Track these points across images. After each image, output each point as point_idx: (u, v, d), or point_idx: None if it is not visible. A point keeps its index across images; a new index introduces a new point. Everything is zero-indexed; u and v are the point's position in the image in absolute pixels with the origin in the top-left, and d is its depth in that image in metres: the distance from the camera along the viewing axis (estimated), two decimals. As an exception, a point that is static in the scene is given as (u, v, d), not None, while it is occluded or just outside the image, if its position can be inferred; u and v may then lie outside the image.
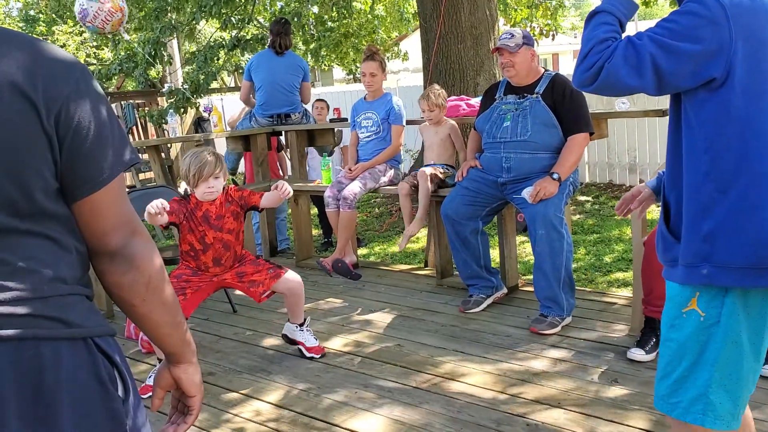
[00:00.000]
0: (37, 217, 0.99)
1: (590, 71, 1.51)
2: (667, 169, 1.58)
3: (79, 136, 1.00)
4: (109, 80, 9.85)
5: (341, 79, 24.95)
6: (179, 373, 1.22)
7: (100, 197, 1.04)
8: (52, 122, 0.98)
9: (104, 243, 1.06)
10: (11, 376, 0.95)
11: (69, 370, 0.99)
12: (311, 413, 2.77)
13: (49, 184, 1.00)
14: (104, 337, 1.06)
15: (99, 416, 1.02)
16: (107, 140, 1.04)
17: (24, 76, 0.96)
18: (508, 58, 3.60)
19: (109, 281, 1.09)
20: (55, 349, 0.98)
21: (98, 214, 1.05)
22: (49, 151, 0.98)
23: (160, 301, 1.12)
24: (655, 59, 1.45)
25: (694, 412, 1.55)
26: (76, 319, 1.02)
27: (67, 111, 0.99)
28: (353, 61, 10.77)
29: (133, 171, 7.84)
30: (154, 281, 1.10)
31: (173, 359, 1.21)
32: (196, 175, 3.04)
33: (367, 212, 7.37)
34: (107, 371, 1.05)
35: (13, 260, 0.98)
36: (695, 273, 1.50)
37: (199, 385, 1.24)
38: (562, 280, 3.45)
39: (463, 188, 3.79)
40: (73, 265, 1.05)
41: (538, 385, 2.85)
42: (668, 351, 1.60)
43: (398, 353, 3.31)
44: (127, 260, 1.07)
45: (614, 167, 7.78)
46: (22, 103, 0.95)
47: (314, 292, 4.41)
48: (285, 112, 5.64)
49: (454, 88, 6.47)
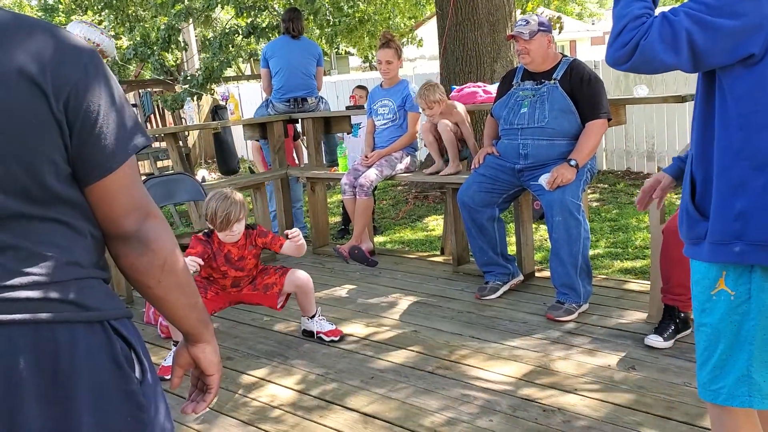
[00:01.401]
0: (51, 202, 1.00)
1: (625, 48, 1.48)
2: (695, 146, 1.55)
3: (89, 120, 1.01)
4: (126, 67, 9.90)
5: (357, 67, 24.90)
6: (197, 353, 1.23)
7: (112, 181, 1.04)
8: (62, 107, 0.98)
9: (118, 226, 1.07)
10: (28, 360, 0.96)
11: (85, 353, 1.00)
12: (328, 397, 2.79)
13: (60, 170, 1.00)
14: (121, 320, 1.07)
15: (116, 398, 1.03)
16: (118, 124, 1.04)
17: (33, 63, 0.96)
18: (523, 45, 3.57)
19: (125, 264, 1.10)
20: (71, 333, 1.00)
21: (111, 198, 1.05)
22: (59, 136, 0.99)
23: (176, 283, 1.13)
24: (691, 36, 1.41)
25: (740, 395, 1.52)
26: (92, 303, 1.03)
27: (77, 96, 0.99)
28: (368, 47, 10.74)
29: (151, 159, 7.89)
30: (169, 263, 1.10)
31: (191, 339, 1.22)
32: (223, 222, 3.07)
33: (382, 200, 7.38)
34: (124, 353, 1.06)
35: (27, 246, 0.98)
36: (726, 251, 1.47)
37: (217, 364, 1.25)
38: (579, 267, 3.44)
39: (480, 175, 3.78)
40: (88, 248, 1.05)
41: (555, 371, 2.85)
42: (703, 337, 1.57)
43: (414, 339, 3.32)
44: (141, 243, 1.08)
45: (632, 155, 7.72)
46: (31, 89, 0.96)
47: (331, 279, 4.44)
48: (302, 95, 5.65)
49: (471, 75, 6.45)
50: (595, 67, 7.47)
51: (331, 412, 2.67)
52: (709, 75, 1.51)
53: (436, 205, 6.88)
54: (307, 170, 5.33)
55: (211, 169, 10.50)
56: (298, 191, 5.68)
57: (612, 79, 7.49)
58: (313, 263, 4.87)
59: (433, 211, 6.70)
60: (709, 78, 1.51)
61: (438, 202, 6.93)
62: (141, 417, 1.06)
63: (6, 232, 0.97)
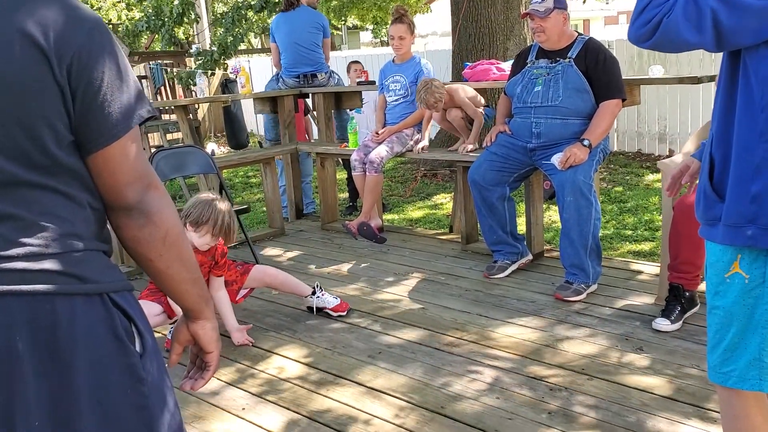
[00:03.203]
0: (51, 169, 0.99)
1: (647, 26, 1.45)
2: (716, 126, 1.53)
3: (92, 87, 0.99)
4: (137, 39, 9.86)
5: (368, 43, 24.73)
6: (197, 329, 1.21)
7: (114, 150, 1.03)
8: (64, 73, 0.97)
9: (120, 197, 1.06)
10: (27, 332, 0.96)
11: (84, 326, 0.99)
12: (335, 371, 2.81)
13: (62, 136, 0.99)
14: (121, 293, 1.06)
15: (116, 371, 1.03)
16: (122, 93, 1.03)
17: (36, 27, 0.95)
18: (539, 23, 3.53)
19: (126, 236, 1.08)
20: (70, 305, 0.99)
21: (112, 167, 1.04)
22: (61, 102, 0.98)
23: (178, 256, 1.11)
24: (716, 15, 1.38)
25: (751, 378, 1.51)
26: (91, 275, 1.02)
27: (79, 61, 0.98)
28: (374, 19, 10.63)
29: (161, 131, 7.89)
30: (171, 236, 1.09)
31: (191, 315, 1.21)
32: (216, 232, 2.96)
33: (391, 177, 7.37)
34: (124, 326, 1.05)
35: (27, 216, 0.97)
36: (739, 234, 1.46)
37: (216, 341, 1.24)
38: (589, 248, 3.43)
39: (491, 153, 3.76)
40: (87, 220, 1.04)
41: (562, 351, 2.86)
42: (716, 319, 1.56)
43: (422, 316, 3.33)
44: (143, 214, 1.06)
45: (644, 136, 7.67)
46: (33, 53, 0.95)
47: (339, 255, 4.44)
48: (310, 71, 5.61)
49: (484, 52, 6.40)
50: (609, 46, 7.39)
51: (338, 386, 2.69)
52: (734, 55, 1.48)
53: (446, 183, 6.86)
54: (317, 146, 5.31)
55: (221, 143, 10.50)
56: (308, 166, 5.67)
57: (626, 58, 7.41)
58: (322, 239, 4.88)
59: (442, 189, 6.69)
60: (734, 58, 1.48)
61: (447, 180, 6.91)
62: (141, 390, 1.05)
63: (6, 201, 0.96)
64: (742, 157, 1.46)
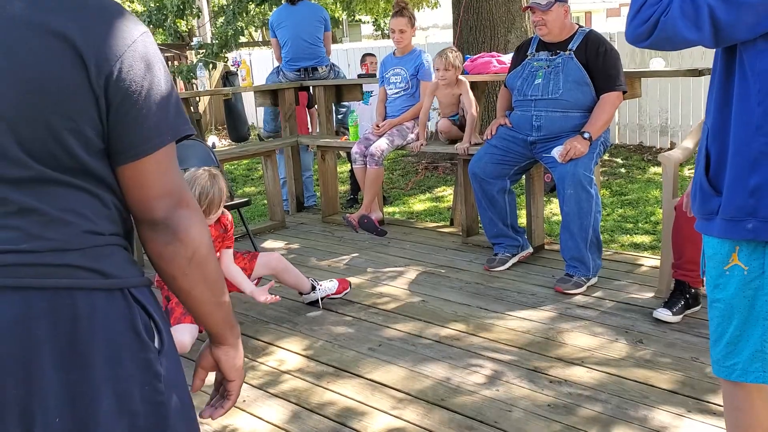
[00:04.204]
0: (77, 172, 0.98)
1: (645, 25, 1.45)
2: (712, 120, 1.52)
3: (129, 100, 0.98)
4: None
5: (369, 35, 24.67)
6: (220, 355, 1.19)
7: (146, 165, 1.01)
8: (102, 82, 0.96)
9: (147, 211, 1.04)
10: (46, 326, 0.96)
11: (104, 320, 0.99)
12: (336, 363, 2.82)
13: (91, 143, 0.98)
14: (140, 288, 1.06)
15: (134, 366, 1.02)
16: (160, 107, 1.01)
17: (79, 32, 0.94)
18: (540, 16, 3.52)
19: (152, 250, 1.07)
20: (90, 299, 0.98)
21: (142, 181, 1.02)
22: (94, 109, 0.97)
23: (203, 277, 1.09)
24: (713, 11, 1.38)
25: (755, 370, 1.52)
26: (112, 270, 1.02)
27: (120, 72, 0.96)
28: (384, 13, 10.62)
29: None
30: (198, 256, 1.06)
31: (215, 340, 1.18)
32: (206, 210, 2.85)
33: (392, 170, 7.36)
34: (143, 322, 1.04)
35: (50, 211, 0.97)
36: (738, 228, 1.46)
37: (239, 369, 1.21)
38: (589, 240, 3.43)
39: (492, 146, 3.75)
40: (112, 219, 1.04)
41: (562, 344, 2.86)
42: (717, 312, 1.56)
43: (422, 308, 3.34)
44: (170, 231, 1.04)
45: (645, 129, 7.65)
46: (71, 58, 0.94)
47: (340, 248, 4.45)
48: (311, 65, 5.61)
49: (485, 45, 6.39)
50: (611, 39, 7.37)
51: (339, 378, 2.69)
52: (729, 49, 1.48)
53: (446, 176, 6.86)
54: (317, 139, 5.31)
55: (221, 136, 10.49)
56: (308, 160, 5.67)
57: (627, 51, 7.39)
58: (323, 231, 4.88)
59: (443, 182, 6.69)
60: (730, 52, 1.48)
61: (448, 173, 6.90)
62: (158, 386, 1.05)
63: (30, 195, 0.96)
64: (741, 151, 1.45)
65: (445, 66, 4.13)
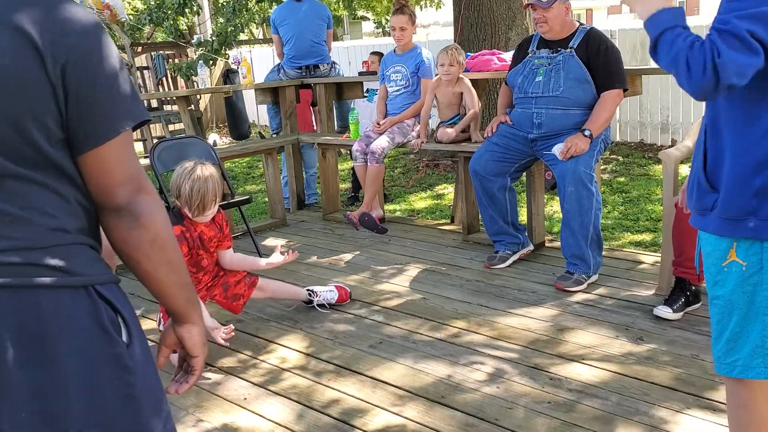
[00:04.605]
0: (40, 165, 1.01)
1: (707, 75, 1.40)
2: (711, 117, 1.53)
3: (87, 87, 1.01)
4: (140, 31, 9.85)
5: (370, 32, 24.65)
6: (183, 333, 1.22)
7: (107, 151, 1.04)
8: (59, 72, 0.98)
9: (110, 198, 1.07)
10: (10, 325, 0.97)
11: (69, 318, 1.01)
12: (336, 361, 2.82)
13: (52, 133, 1.00)
14: (107, 285, 1.08)
15: (102, 362, 1.04)
16: (117, 95, 1.04)
17: (33, 26, 0.97)
18: (541, 13, 3.52)
19: (116, 237, 1.09)
20: (55, 298, 1.00)
21: (105, 168, 1.05)
22: (53, 100, 0.99)
23: (166, 260, 1.12)
24: (754, 33, 1.37)
25: (756, 366, 1.52)
26: (77, 268, 1.03)
27: (76, 63, 1.00)
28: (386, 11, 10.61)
29: (162, 122, 7.88)
30: (159, 239, 1.10)
31: (178, 319, 1.21)
32: (200, 206, 2.77)
33: (394, 168, 7.36)
34: (110, 318, 1.06)
35: (13, 210, 0.99)
36: (739, 227, 1.46)
37: (202, 345, 1.25)
38: (590, 238, 3.43)
39: (493, 144, 3.75)
40: (75, 215, 1.05)
41: (562, 341, 2.87)
42: (717, 309, 1.57)
43: (423, 306, 3.34)
44: (133, 216, 1.07)
45: (646, 126, 7.64)
46: (27, 50, 0.97)
47: (340, 245, 4.45)
48: (313, 63, 5.60)
49: (486, 42, 6.38)
50: (612, 36, 7.37)
51: (340, 376, 2.70)
52: None
53: (447, 174, 6.86)
54: (318, 136, 5.31)
55: (222, 134, 10.50)
56: (312, 158, 5.66)
57: (628, 48, 7.38)
58: (323, 229, 4.89)
59: (443, 180, 6.68)
60: None
61: (449, 171, 6.90)
62: (128, 379, 1.07)
63: None
64: (747, 152, 1.46)
65: (450, 61, 4.14)
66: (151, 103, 8.35)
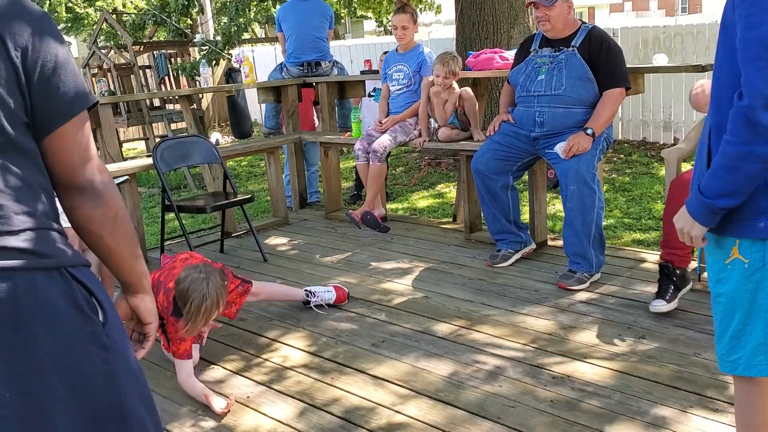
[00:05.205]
0: (6, 147, 1.06)
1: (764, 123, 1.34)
2: (716, 118, 1.52)
3: (46, 69, 1.08)
4: (142, 30, 9.86)
5: (372, 31, 24.64)
6: (137, 302, 1.30)
7: (71, 129, 1.11)
8: (19, 54, 1.05)
9: (74, 177, 1.14)
10: None
11: (46, 299, 1.05)
12: (339, 359, 2.83)
13: (16, 116, 1.06)
14: (78, 268, 1.12)
15: (81, 340, 1.08)
16: (73, 77, 1.12)
17: None
18: (544, 12, 3.52)
19: (79, 215, 1.16)
20: (29, 280, 1.04)
21: (69, 147, 1.12)
22: (15, 82, 1.05)
23: (125, 234, 1.21)
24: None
25: (758, 363, 1.53)
26: (48, 251, 1.08)
27: (33, 46, 1.07)
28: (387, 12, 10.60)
29: (165, 121, 7.89)
30: (120, 215, 1.19)
31: (132, 289, 1.29)
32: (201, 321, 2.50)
33: (396, 167, 7.37)
34: (84, 298, 1.11)
35: None
36: (749, 226, 1.46)
37: (154, 313, 1.33)
38: (592, 237, 3.44)
39: (495, 142, 3.76)
40: (40, 200, 1.10)
41: (565, 340, 2.87)
42: (720, 307, 1.58)
43: (425, 305, 3.34)
44: (96, 195, 1.15)
45: (648, 124, 7.64)
46: None
47: (342, 244, 4.46)
48: (314, 59, 5.61)
49: (488, 41, 6.38)
50: (614, 34, 7.36)
51: (342, 374, 2.70)
52: (731, 49, 1.48)
53: (449, 172, 6.86)
54: (320, 135, 5.32)
55: (225, 133, 10.50)
56: (314, 156, 5.67)
57: (631, 47, 7.38)
58: (326, 228, 4.89)
59: (446, 178, 6.69)
60: (733, 52, 1.47)
61: (451, 169, 6.91)
62: (106, 357, 1.11)
63: None
64: None
65: (445, 74, 4.13)
66: (153, 102, 8.35)
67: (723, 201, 1.45)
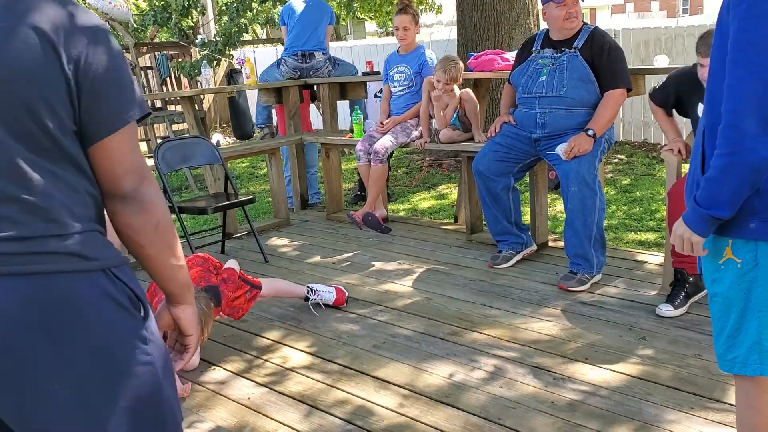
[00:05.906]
0: (53, 154, 1.09)
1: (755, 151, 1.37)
2: (707, 119, 1.53)
3: (97, 81, 1.10)
4: (144, 31, 9.87)
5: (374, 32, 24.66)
6: (179, 313, 1.31)
7: (116, 140, 1.13)
8: (72, 67, 1.08)
9: (117, 186, 1.15)
10: (36, 308, 1.05)
11: (91, 299, 1.10)
12: (340, 361, 2.83)
13: (65, 125, 1.09)
14: (119, 267, 1.16)
15: (123, 334, 1.14)
16: (124, 89, 1.14)
17: (49, 25, 1.07)
18: (574, 7, 3.50)
19: (121, 222, 1.18)
20: (73, 282, 1.09)
21: (113, 156, 1.14)
22: (66, 93, 1.08)
23: (167, 244, 1.21)
24: None
25: (752, 362, 1.54)
26: (93, 253, 1.12)
27: (86, 60, 1.09)
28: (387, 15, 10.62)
29: (166, 122, 7.90)
30: (162, 224, 1.20)
31: (174, 300, 1.30)
32: None
33: (397, 168, 7.37)
34: (127, 295, 1.15)
35: (29, 198, 1.07)
36: (740, 227, 1.48)
37: (196, 325, 1.34)
38: (593, 238, 3.44)
39: (496, 144, 3.76)
40: (85, 204, 1.13)
41: (565, 341, 2.87)
42: (716, 307, 1.59)
43: (426, 306, 3.35)
44: (138, 203, 1.17)
45: (649, 125, 7.63)
46: (45, 46, 1.06)
47: (344, 245, 4.46)
48: (309, 50, 5.62)
49: (489, 42, 6.38)
50: (615, 35, 7.36)
51: (344, 376, 2.71)
52: (725, 51, 1.48)
53: (451, 173, 6.86)
54: (322, 136, 5.32)
55: (226, 134, 10.51)
56: (313, 157, 5.67)
57: (632, 48, 7.38)
58: (327, 228, 4.90)
59: (447, 179, 6.69)
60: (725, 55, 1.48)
61: (452, 171, 6.91)
62: (146, 349, 1.16)
63: (11, 184, 1.06)
64: None
65: (446, 80, 4.13)
66: (155, 103, 8.37)
67: (718, 211, 1.47)
